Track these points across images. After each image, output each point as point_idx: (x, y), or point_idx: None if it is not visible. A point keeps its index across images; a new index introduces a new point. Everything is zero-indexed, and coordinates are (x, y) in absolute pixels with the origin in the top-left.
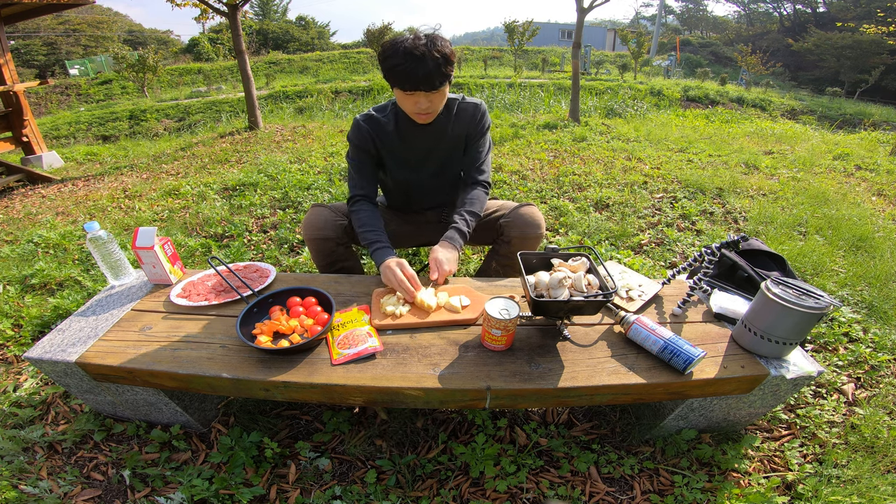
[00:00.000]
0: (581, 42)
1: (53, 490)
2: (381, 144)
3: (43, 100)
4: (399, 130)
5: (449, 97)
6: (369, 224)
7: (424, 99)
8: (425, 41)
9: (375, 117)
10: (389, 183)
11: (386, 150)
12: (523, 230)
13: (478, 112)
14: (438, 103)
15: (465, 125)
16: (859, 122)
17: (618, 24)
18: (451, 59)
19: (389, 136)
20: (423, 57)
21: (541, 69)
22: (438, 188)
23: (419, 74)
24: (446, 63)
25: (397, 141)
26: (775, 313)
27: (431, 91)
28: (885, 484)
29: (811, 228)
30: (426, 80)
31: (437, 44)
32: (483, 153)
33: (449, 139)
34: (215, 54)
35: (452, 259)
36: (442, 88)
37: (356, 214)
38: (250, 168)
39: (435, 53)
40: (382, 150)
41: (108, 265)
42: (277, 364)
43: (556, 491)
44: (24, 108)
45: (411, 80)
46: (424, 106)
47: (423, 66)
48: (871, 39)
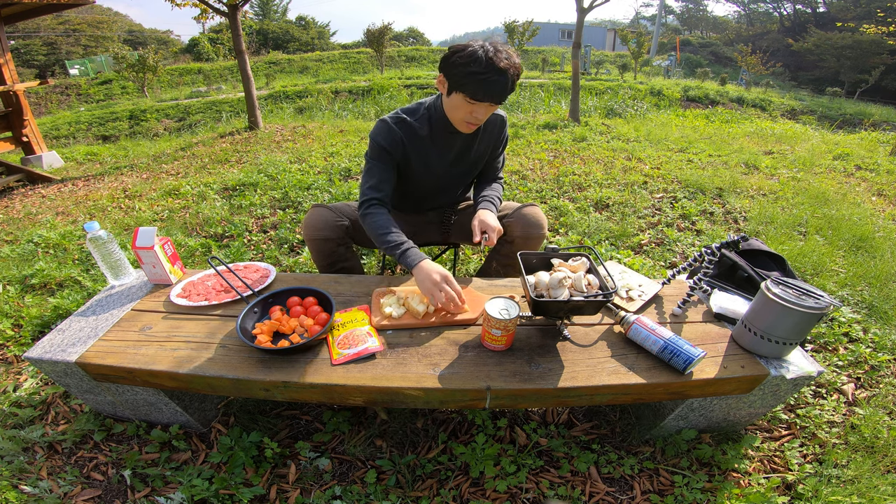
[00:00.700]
0: (581, 42)
1: (53, 490)
2: (412, 149)
3: (43, 100)
4: (433, 136)
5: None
6: (390, 227)
7: (485, 110)
8: (506, 54)
9: (407, 121)
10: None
11: (414, 154)
12: (526, 230)
13: (504, 125)
14: (489, 114)
15: (493, 137)
16: (859, 122)
17: (618, 24)
18: (521, 75)
19: (422, 142)
20: (506, 70)
21: (541, 69)
22: (451, 192)
23: (498, 87)
24: (518, 77)
25: (429, 146)
26: (775, 313)
27: (500, 103)
28: (885, 484)
29: (811, 228)
30: (502, 94)
31: (514, 59)
32: (502, 160)
33: (476, 149)
34: (215, 54)
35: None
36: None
37: (372, 217)
38: (250, 168)
39: (514, 68)
40: (411, 154)
41: (108, 265)
42: (277, 364)
43: (556, 491)
44: (24, 108)
45: (490, 91)
46: (481, 117)
47: (504, 79)
48: (871, 39)
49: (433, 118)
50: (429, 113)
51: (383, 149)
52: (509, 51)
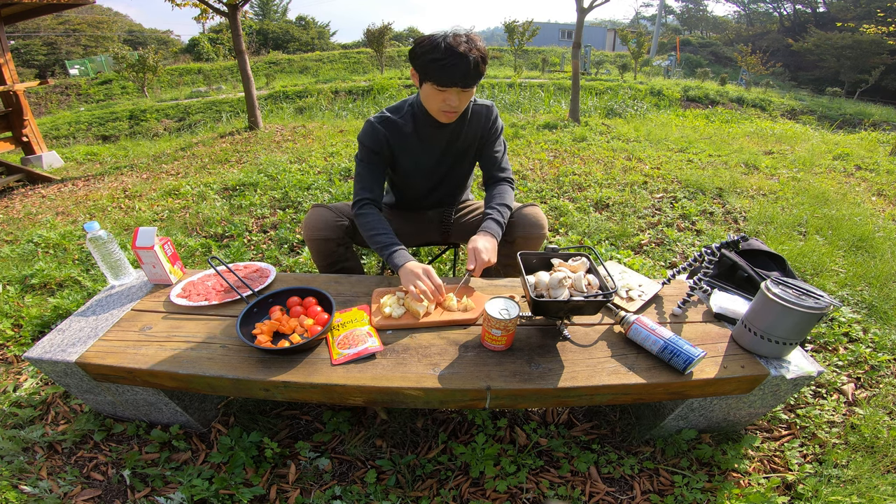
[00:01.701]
0: (581, 42)
1: (53, 490)
2: (397, 146)
3: (43, 100)
4: (417, 131)
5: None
6: (380, 227)
7: (456, 97)
8: (466, 38)
9: (392, 119)
10: (398, 182)
11: (401, 151)
12: (527, 230)
13: (491, 114)
14: (466, 102)
15: (479, 127)
16: (859, 122)
17: (618, 24)
18: (486, 59)
19: (407, 138)
20: (465, 54)
21: (541, 69)
22: (445, 189)
23: (460, 70)
24: (483, 62)
25: (415, 142)
26: (775, 313)
27: (466, 88)
28: (885, 484)
29: (811, 228)
30: (465, 77)
31: (476, 42)
32: (501, 153)
33: (463, 140)
34: (215, 54)
35: (491, 249)
36: (473, 87)
37: (364, 218)
38: (250, 168)
39: (475, 51)
40: (398, 151)
41: (108, 265)
42: (277, 364)
43: (556, 491)
44: (24, 108)
45: (451, 75)
46: (454, 104)
47: (465, 62)
48: (871, 39)
49: (416, 114)
50: (412, 109)
51: (370, 149)
52: (471, 36)
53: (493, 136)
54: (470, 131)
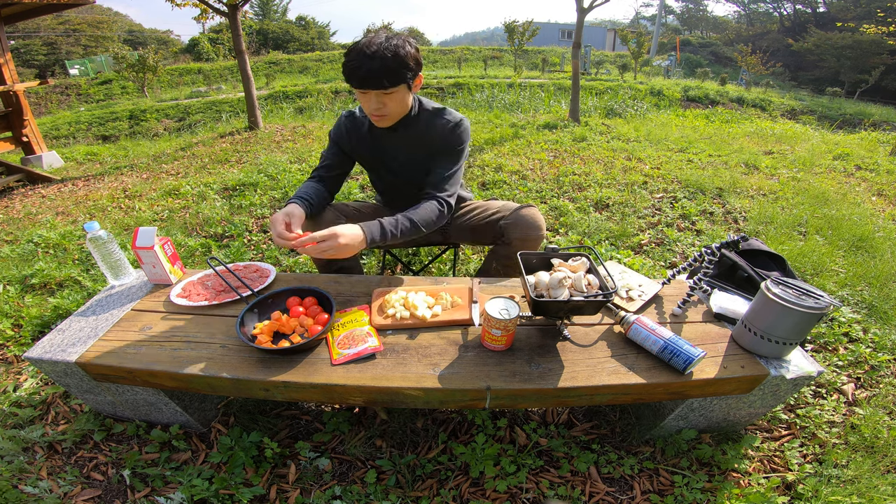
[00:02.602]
0: (581, 42)
1: (53, 490)
2: (355, 144)
3: (43, 100)
4: (371, 131)
5: (433, 107)
6: (301, 190)
7: (375, 99)
8: (381, 39)
9: (356, 116)
10: (375, 181)
11: (358, 151)
12: (524, 232)
13: (456, 131)
14: (393, 106)
15: (438, 138)
16: (859, 122)
17: (618, 24)
18: (404, 61)
19: (363, 139)
20: (373, 55)
21: (541, 69)
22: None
23: (364, 71)
24: (398, 63)
25: (370, 143)
26: (775, 313)
27: (380, 90)
28: (885, 484)
29: (811, 228)
30: (372, 79)
31: (392, 42)
32: (450, 173)
33: (424, 149)
34: (215, 54)
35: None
36: (395, 90)
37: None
38: (250, 168)
39: (386, 52)
40: (356, 148)
41: (108, 265)
42: (277, 364)
43: (556, 491)
44: (24, 108)
45: (357, 76)
46: (374, 106)
47: (371, 63)
48: (871, 39)
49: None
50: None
51: (332, 139)
52: (394, 39)
53: (446, 150)
54: (429, 141)
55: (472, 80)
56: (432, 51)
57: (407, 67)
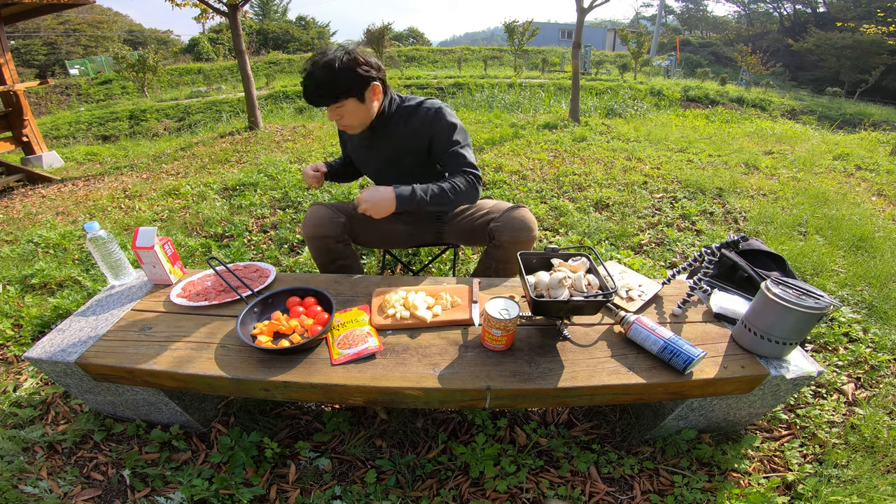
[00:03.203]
0: (581, 42)
1: (53, 490)
2: (348, 142)
3: (43, 100)
4: (359, 135)
5: (410, 102)
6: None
7: (330, 112)
8: (319, 57)
9: None
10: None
11: (351, 148)
12: (514, 234)
13: (435, 116)
14: (350, 118)
15: (421, 129)
16: (859, 122)
17: (618, 24)
18: (341, 76)
19: (352, 138)
20: (310, 75)
21: (541, 69)
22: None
23: (306, 89)
24: (333, 80)
25: (358, 142)
26: (775, 313)
27: (326, 106)
28: (885, 484)
29: (811, 228)
30: (312, 96)
31: (329, 58)
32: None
33: (404, 146)
34: (215, 54)
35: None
36: (345, 103)
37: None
38: (250, 168)
39: (319, 71)
40: (349, 146)
41: (108, 265)
42: (277, 364)
43: (556, 491)
44: (24, 108)
45: (304, 94)
46: (332, 117)
47: (308, 83)
48: (871, 39)
49: None
50: None
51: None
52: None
53: (439, 139)
54: (410, 135)
55: (472, 80)
56: (432, 51)
57: (345, 83)
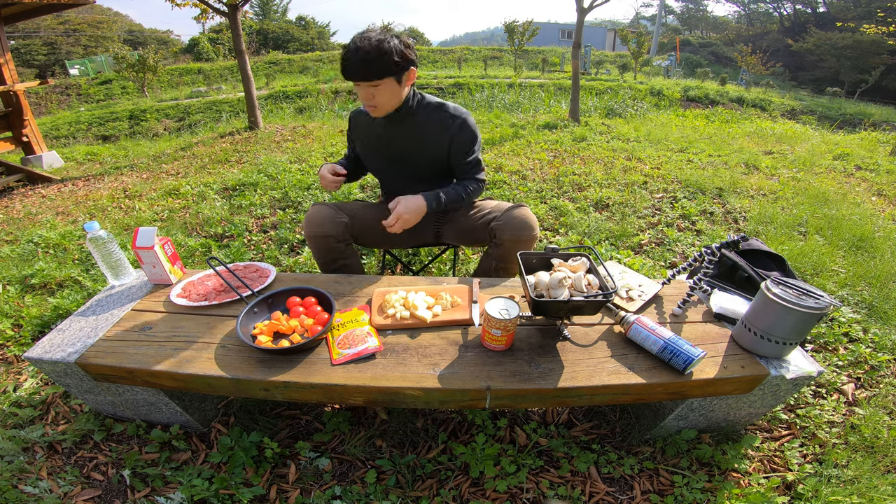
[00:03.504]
0: (581, 42)
1: (53, 490)
2: (359, 136)
3: (43, 100)
4: (371, 125)
5: (433, 102)
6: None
7: (364, 91)
8: (370, 35)
9: (362, 112)
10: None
11: (361, 142)
12: (516, 233)
13: (454, 123)
14: (382, 98)
15: (444, 134)
16: (859, 122)
17: (618, 24)
18: (387, 54)
19: (366, 129)
20: (357, 49)
21: (541, 69)
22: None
23: (348, 63)
24: (379, 56)
25: (372, 135)
26: (775, 313)
27: (366, 81)
28: (885, 484)
29: (811, 228)
30: (356, 70)
31: (377, 37)
32: (472, 162)
33: (424, 143)
34: (215, 54)
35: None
36: (382, 82)
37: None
38: (250, 168)
39: (368, 46)
40: (358, 141)
41: (108, 265)
42: (277, 364)
43: (556, 491)
44: (24, 108)
45: (345, 69)
46: (364, 97)
47: (356, 55)
48: (871, 39)
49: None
50: None
51: (348, 136)
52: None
53: (459, 146)
54: (430, 134)
55: (472, 80)
56: (432, 51)
57: (389, 61)
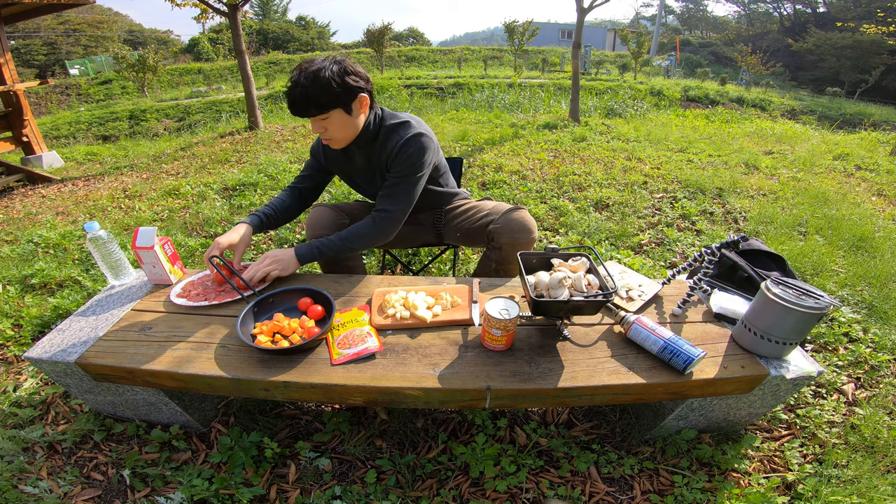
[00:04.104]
0: (581, 42)
1: (53, 490)
2: (329, 157)
3: (43, 100)
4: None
5: (394, 122)
6: (271, 203)
7: (314, 124)
8: (308, 66)
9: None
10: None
11: (332, 162)
12: (514, 236)
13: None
14: (334, 130)
15: (389, 155)
16: (859, 122)
17: (618, 24)
18: (328, 87)
19: (335, 153)
20: (296, 84)
21: (541, 69)
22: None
23: (289, 101)
24: (321, 91)
25: (341, 159)
26: (775, 313)
27: (310, 117)
28: (885, 484)
29: (811, 228)
30: (297, 105)
31: (313, 68)
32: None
33: (380, 164)
34: (215, 54)
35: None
36: (328, 115)
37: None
38: (250, 168)
39: (306, 81)
40: (330, 161)
41: (108, 265)
42: (277, 364)
43: (556, 491)
44: (24, 108)
45: (289, 105)
46: (317, 131)
47: (294, 91)
48: (871, 39)
49: None
50: None
51: (312, 152)
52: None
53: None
54: (386, 156)
55: (472, 80)
56: (432, 51)
57: (331, 92)
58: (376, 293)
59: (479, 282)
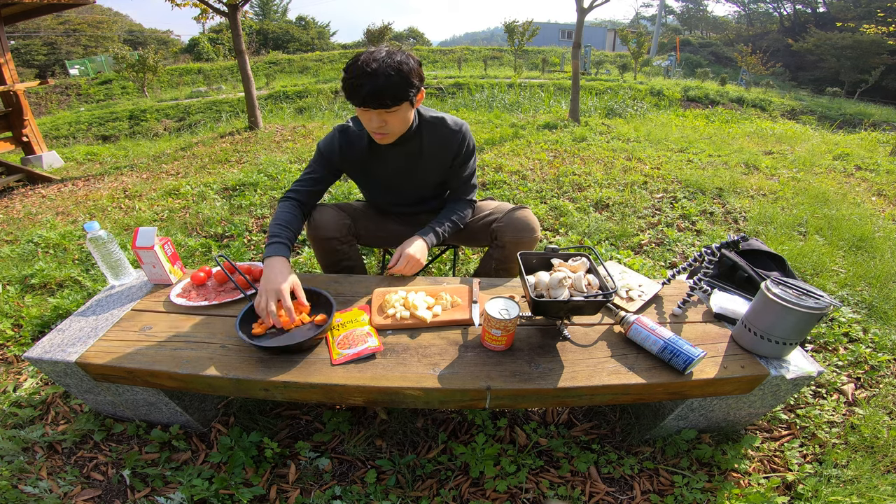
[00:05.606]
0: (581, 42)
1: (53, 490)
2: (349, 160)
3: (43, 100)
4: (371, 147)
5: (432, 116)
6: (282, 218)
7: (376, 117)
8: (383, 55)
9: (351, 130)
10: (365, 191)
11: (354, 166)
12: (517, 235)
13: (457, 137)
14: (395, 124)
15: (446, 148)
16: (859, 123)
17: (618, 24)
18: (408, 78)
19: (359, 153)
20: (375, 73)
21: (541, 69)
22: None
23: (366, 90)
24: (401, 81)
25: (368, 157)
26: (775, 313)
27: (381, 109)
28: (885, 484)
29: (811, 228)
30: (373, 97)
31: (395, 59)
32: (468, 175)
33: (426, 160)
34: (215, 54)
35: (419, 254)
36: (398, 108)
37: (279, 209)
38: (250, 168)
39: (389, 70)
40: (350, 165)
41: (108, 265)
42: (277, 364)
43: (556, 491)
44: (24, 108)
45: (359, 95)
46: (376, 125)
47: (372, 82)
48: (871, 39)
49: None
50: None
51: (321, 153)
52: (396, 55)
53: (461, 160)
54: (433, 151)
55: (472, 80)
56: (432, 51)
57: (410, 85)
58: (376, 293)
59: (479, 282)
